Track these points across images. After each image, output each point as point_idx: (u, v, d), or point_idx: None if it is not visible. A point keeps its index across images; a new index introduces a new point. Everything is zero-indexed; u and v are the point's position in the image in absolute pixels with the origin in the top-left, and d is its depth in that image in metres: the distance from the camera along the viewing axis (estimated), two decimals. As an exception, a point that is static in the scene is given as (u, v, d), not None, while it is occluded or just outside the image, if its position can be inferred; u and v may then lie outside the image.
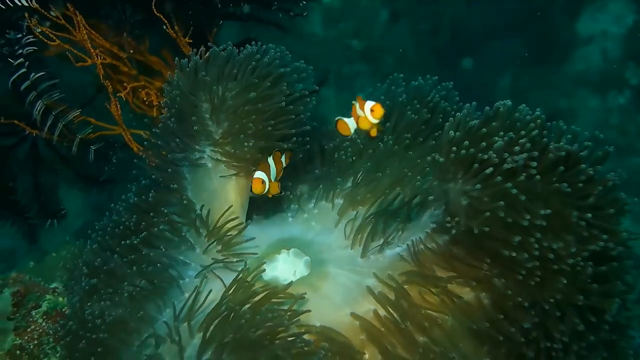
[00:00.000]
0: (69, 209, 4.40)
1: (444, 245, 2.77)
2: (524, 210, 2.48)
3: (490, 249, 2.60)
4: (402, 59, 10.50)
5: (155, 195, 3.41)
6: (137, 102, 4.06)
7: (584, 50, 10.53)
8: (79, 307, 3.22)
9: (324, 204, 3.56)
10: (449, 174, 2.68)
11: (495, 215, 2.52)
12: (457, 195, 2.63)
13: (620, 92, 10.36)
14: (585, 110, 10.36)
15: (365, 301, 2.92)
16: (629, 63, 10.33)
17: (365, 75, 10.65)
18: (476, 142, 2.61)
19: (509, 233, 2.52)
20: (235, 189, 3.38)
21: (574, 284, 2.53)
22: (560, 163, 2.52)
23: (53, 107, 3.73)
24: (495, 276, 2.65)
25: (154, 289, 3.14)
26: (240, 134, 3.22)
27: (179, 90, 3.27)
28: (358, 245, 3.21)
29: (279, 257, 3.22)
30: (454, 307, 2.75)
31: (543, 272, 2.53)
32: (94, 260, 3.38)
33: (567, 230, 2.50)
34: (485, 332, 2.67)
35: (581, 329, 2.54)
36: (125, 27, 4.02)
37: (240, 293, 2.85)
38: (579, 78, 10.45)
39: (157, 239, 3.30)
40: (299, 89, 3.32)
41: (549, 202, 2.50)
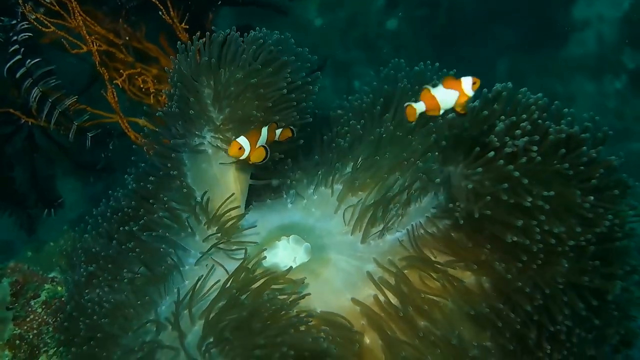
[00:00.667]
0: (66, 198, 4.39)
1: (445, 229, 2.77)
2: (526, 193, 2.48)
3: (492, 233, 2.60)
4: (399, 45, 10.51)
5: (154, 181, 3.40)
6: (134, 90, 4.03)
7: (580, 34, 10.53)
8: (77, 293, 3.22)
9: (324, 189, 3.54)
10: (450, 157, 2.68)
11: (497, 198, 2.52)
12: (459, 179, 2.64)
13: (617, 76, 10.37)
14: (582, 95, 10.37)
15: (365, 286, 2.94)
16: (625, 47, 10.34)
17: (362, 62, 10.63)
18: (477, 125, 2.61)
19: (511, 216, 2.52)
20: (235, 176, 3.37)
21: (576, 266, 2.54)
22: (562, 145, 2.52)
23: (49, 94, 3.70)
24: (496, 260, 2.64)
25: (154, 276, 3.14)
26: (242, 120, 3.21)
27: (181, 75, 3.26)
28: (358, 231, 3.21)
29: (279, 244, 3.23)
30: (455, 292, 2.76)
31: (545, 255, 2.53)
32: (92, 246, 3.38)
33: (570, 213, 2.50)
34: (486, 316, 2.67)
35: (583, 312, 2.55)
36: (121, 13, 3.98)
37: (241, 280, 2.84)
38: (576, 63, 10.46)
39: (156, 225, 3.29)
40: (301, 77, 3.32)
41: (551, 184, 2.50)
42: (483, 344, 2.70)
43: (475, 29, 10.21)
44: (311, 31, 10.35)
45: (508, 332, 2.64)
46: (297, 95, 3.27)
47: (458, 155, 2.65)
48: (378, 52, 10.52)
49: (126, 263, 3.23)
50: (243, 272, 2.88)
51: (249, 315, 2.62)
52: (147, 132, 3.55)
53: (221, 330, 2.63)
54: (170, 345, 2.83)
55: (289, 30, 3.52)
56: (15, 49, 3.63)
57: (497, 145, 2.53)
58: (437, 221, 2.81)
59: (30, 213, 4.21)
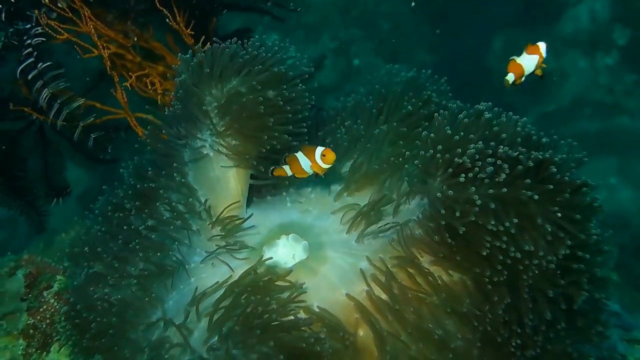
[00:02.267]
0: (76, 190, 4.52)
1: (429, 232, 2.92)
2: (492, 216, 2.67)
3: (465, 244, 2.80)
4: (397, 24, 10.53)
5: (155, 178, 3.50)
6: (141, 86, 4.17)
7: (573, 11, 10.60)
8: (83, 290, 3.34)
9: (320, 189, 3.70)
10: (429, 170, 2.87)
11: (468, 217, 2.71)
12: (436, 191, 2.82)
13: (608, 52, 10.46)
14: (575, 71, 10.49)
15: (359, 282, 3.08)
16: (616, 24, 10.43)
17: (361, 40, 10.66)
18: (451, 147, 2.81)
19: (481, 234, 2.71)
20: (235, 177, 3.49)
21: (542, 278, 2.73)
22: (531, 171, 2.71)
23: (58, 94, 3.85)
24: (472, 264, 2.84)
25: (160, 272, 3.27)
26: (242, 128, 3.33)
27: (183, 82, 3.36)
28: (353, 230, 3.36)
29: (279, 242, 3.38)
30: (439, 288, 2.92)
31: (512, 269, 2.73)
32: (96, 243, 3.48)
33: (535, 234, 2.69)
34: (467, 312, 2.85)
35: (549, 316, 2.74)
36: (130, 15, 4.12)
37: (245, 279, 2.99)
38: (569, 39, 10.55)
39: (161, 223, 3.41)
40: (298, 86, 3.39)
41: (518, 208, 2.69)
42: (466, 337, 2.86)
43: (471, 6, 10.24)
44: (311, 10, 10.34)
45: (484, 327, 2.83)
46: (294, 105, 3.35)
47: (436, 170, 2.84)
48: (377, 30, 10.56)
49: (131, 260, 3.35)
50: (248, 273, 3.03)
51: (252, 312, 2.78)
52: (150, 129, 3.65)
53: (226, 327, 2.79)
54: (178, 342, 2.98)
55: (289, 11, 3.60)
56: (29, 52, 3.77)
57: (468, 167, 2.73)
58: (422, 224, 2.97)
59: (40, 211, 4.34)
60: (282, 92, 3.31)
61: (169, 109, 3.52)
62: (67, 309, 3.44)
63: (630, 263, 6.26)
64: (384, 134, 3.69)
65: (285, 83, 3.34)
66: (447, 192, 2.76)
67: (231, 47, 3.35)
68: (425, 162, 2.89)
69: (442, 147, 2.84)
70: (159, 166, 3.56)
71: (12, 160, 4.15)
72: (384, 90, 3.83)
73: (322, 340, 2.79)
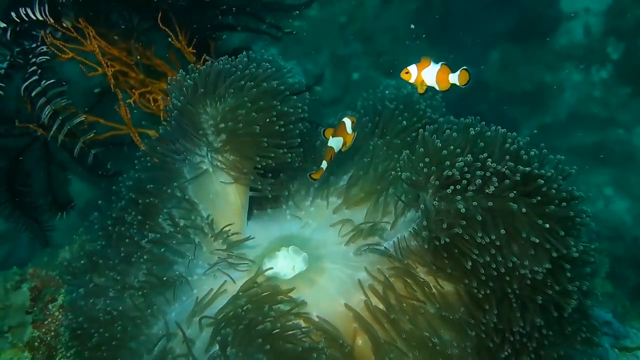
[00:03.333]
0: (80, 204, 4.55)
1: (423, 243, 2.98)
2: (479, 228, 2.73)
3: (454, 256, 2.86)
4: (395, 38, 10.52)
5: (156, 192, 3.53)
6: (144, 102, 4.23)
7: (568, 25, 10.59)
8: (83, 302, 3.38)
9: (320, 202, 3.75)
10: (420, 183, 2.93)
11: (454, 229, 2.78)
12: (427, 204, 2.89)
13: (603, 66, 10.43)
14: (570, 84, 10.46)
15: (357, 293, 3.14)
16: (610, 38, 10.43)
17: (360, 55, 10.65)
18: (440, 161, 2.86)
19: (469, 246, 2.78)
20: (235, 191, 3.53)
21: (530, 287, 2.79)
22: (518, 184, 2.75)
23: (60, 111, 3.91)
24: (462, 277, 2.91)
25: (162, 285, 3.30)
26: (238, 145, 3.37)
27: (180, 101, 3.40)
28: (351, 242, 3.43)
29: (279, 254, 3.44)
30: (435, 298, 2.98)
31: (499, 279, 2.79)
32: (97, 256, 3.53)
33: (520, 246, 2.75)
34: (461, 321, 2.91)
35: (539, 323, 2.82)
36: (133, 34, 4.19)
37: (247, 291, 3.05)
38: (564, 53, 10.52)
39: (162, 237, 3.44)
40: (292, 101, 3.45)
41: (504, 220, 2.74)
42: (462, 345, 2.92)
43: (468, 20, 10.29)
44: (310, 25, 10.28)
45: (481, 334, 2.89)
46: (287, 120, 3.39)
47: (427, 182, 2.89)
48: (376, 45, 10.58)
49: (132, 273, 3.39)
50: (249, 284, 3.08)
51: (253, 323, 2.83)
52: (149, 144, 3.71)
53: (227, 337, 2.83)
54: (181, 352, 3.04)
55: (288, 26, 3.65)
56: (33, 70, 3.85)
57: (457, 178, 2.78)
58: (416, 235, 3.02)
59: (44, 226, 4.38)
60: (276, 107, 3.35)
61: (165, 126, 3.58)
62: (68, 320, 3.47)
63: (624, 273, 6.30)
64: (379, 148, 3.75)
65: (278, 97, 3.38)
66: (438, 205, 2.82)
67: (223, 64, 3.39)
68: (414, 175, 2.95)
69: (430, 160, 2.89)
70: (159, 181, 3.59)
71: (17, 175, 4.20)
72: (379, 106, 3.90)
73: (321, 349, 2.84)
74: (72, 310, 3.47)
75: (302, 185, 3.83)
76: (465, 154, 2.87)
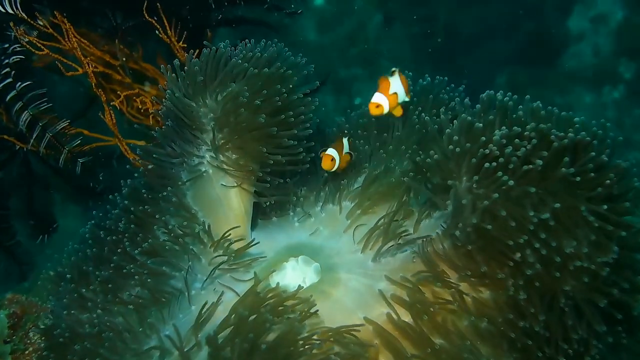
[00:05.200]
0: (65, 224, 4.30)
1: (455, 244, 2.69)
2: (529, 207, 2.40)
3: (498, 249, 2.53)
4: (398, 62, 10.46)
5: (151, 200, 3.32)
6: (132, 112, 3.96)
7: (576, 47, 10.69)
8: (67, 312, 3.16)
9: (331, 207, 3.48)
10: (450, 171, 2.63)
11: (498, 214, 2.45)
12: (461, 194, 2.58)
13: (615, 86, 10.51)
14: (581, 106, 10.46)
15: (377, 305, 2.86)
16: (621, 58, 10.47)
17: (362, 79, 10.70)
18: (474, 136, 2.56)
19: (516, 232, 2.44)
20: (238, 195, 3.28)
21: (589, 283, 2.44)
22: (567, 153, 2.43)
23: (40, 117, 3.62)
24: (504, 275, 2.57)
25: (156, 299, 3.07)
26: (242, 140, 3.13)
27: (175, 95, 3.17)
28: (368, 249, 3.13)
29: (287, 265, 3.15)
30: (469, 307, 2.69)
31: (551, 273, 2.45)
32: (86, 266, 3.31)
33: (578, 227, 2.40)
34: (502, 332, 2.60)
35: (602, 328, 2.46)
36: (117, 34, 3.90)
37: (249, 305, 2.75)
38: (574, 74, 10.58)
39: (158, 247, 3.20)
40: (300, 89, 3.24)
41: (557, 195, 2.41)
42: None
43: (473, 43, 10.32)
44: (310, 49, 10.29)
45: (524, 347, 2.57)
46: (297, 110, 3.17)
47: (458, 169, 2.59)
48: (378, 69, 10.48)
49: (125, 285, 3.16)
50: (251, 297, 2.79)
51: (257, 340, 2.54)
52: (142, 150, 3.45)
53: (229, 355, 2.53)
54: None
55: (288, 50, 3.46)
56: (7, 72, 3.56)
57: (497, 154, 2.47)
58: (447, 236, 2.74)
59: (21, 260, 4.11)
60: (283, 95, 3.10)
61: (159, 127, 3.33)
62: (46, 327, 3.26)
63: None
64: (397, 145, 3.48)
65: (287, 84, 3.14)
66: (476, 188, 2.50)
67: (225, 51, 3.15)
68: (443, 159, 2.64)
69: (462, 138, 2.58)
70: (154, 188, 3.35)
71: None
72: None
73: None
74: (52, 318, 3.23)
75: (311, 190, 3.56)
76: (498, 126, 2.57)
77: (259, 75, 3.09)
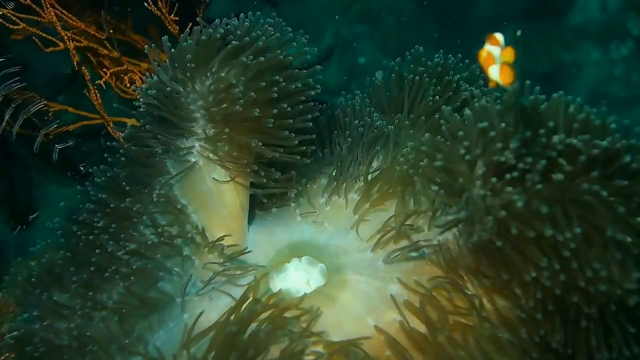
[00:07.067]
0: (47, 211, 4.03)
1: (473, 247, 2.45)
2: (546, 227, 2.13)
3: (510, 266, 2.30)
4: (402, 18, 10.34)
5: (135, 194, 3.03)
6: (121, 87, 3.67)
7: (583, 1, 10.42)
8: (38, 325, 2.91)
9: (337, 199, 3.20)
10: (462, 174, 2.35)
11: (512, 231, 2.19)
12: (473, 199, 2.31)
13: (623, 42, 10.27)
14: (588, 63, 10.28)
15: (389, 311, 2.63)
16: (629, 13, 10.22)
17: (366, 36, 10.45)
18: (487, 142, 2.27)
19: (531, 250, 2.19)
20: (232, 188, 3.00)
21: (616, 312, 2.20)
22: (596, 163, 2.14)
23: (13, 98, 3.34)
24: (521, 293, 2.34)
25: (144, 307, 2.82)
26: (235, 133, 2.86)
27: (163, 80, 2.88)
28: (379, 248, 2.88)
29: (290, 266, 2.91)
30: (489, 316, 2.47)
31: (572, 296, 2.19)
32: (59, 269, 3.06)
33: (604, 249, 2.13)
34: (524, 345, 2.38)
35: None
36: (103, 3, 3.59)
37: (246, 312, 2.53)
38: (581, 30, 10.38)
39: (144, 248, 2.94)
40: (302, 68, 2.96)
41: (581, 213, 2.13)
42: None
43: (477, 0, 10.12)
44: (311, 7, 10.13)
45: None
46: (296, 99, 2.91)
47: (471, 172, 2.31)
48: (382, 25, 10.39)
49: (106, 291, 2.91)
50: (247, 303, 2.57)
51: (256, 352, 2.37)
52: (128, 132, 3.14)
53: None
54: None
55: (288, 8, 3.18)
56: (-24, 50, 3.28)
57: (512, 163, 2.19)
58: (465, 238, 2.44)
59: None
60: (281, 84, 2.82)
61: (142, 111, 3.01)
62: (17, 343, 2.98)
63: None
64: (408, 131, 3.22)
65: (285, 71, 2.87)
66: (490, 200, 2.23)
67: (216, 30, 2.84)
68: (454, 164, 2.36)
69: (474, 142, 2.30)
70: (137, 179, 3.05)
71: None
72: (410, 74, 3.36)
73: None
74: (24, 333, 2.96)
75: (314, 180, 3.30)
76: (518, 129, 2.25)
77: (255, 63, 2.80)
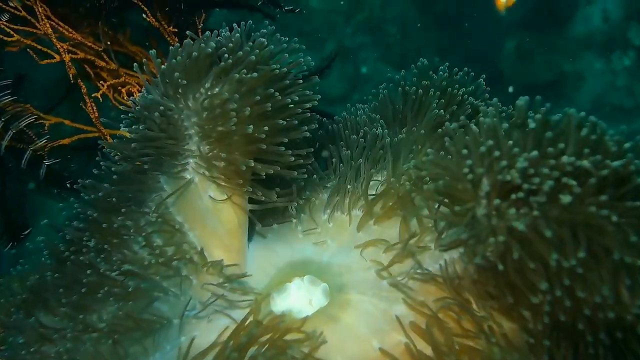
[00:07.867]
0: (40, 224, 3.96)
1: (478, 269, 2.38)
2: (551, 251, 2.06)
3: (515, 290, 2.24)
4: (404, 27, 10.35)
5: (128, 212, 2.93)
6: (119, 98, 3.60)
7: (585, 12, 10.56)
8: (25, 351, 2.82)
9: (340, 215, 3.11)
10: (465, 194, 2.27)
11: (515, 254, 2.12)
12: (477, 219, 2.24)
13: (625, 53, 10.37)
14: (591, 73, 10.38)
15: (394, 332, 2.55)
16: (631, 23, 10.32)
17: (368, 46, 10.49)
18: (491, 161, 2.20)
19: (534, 274, 2.12)
20: (230, 206, 2.90)
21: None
22: (607, 186, 2.05)
23: (4, 111, 3.27)
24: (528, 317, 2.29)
25: (138, 328, 2.72)
26: (230, 148, 2.75)
27: (154, 97, 2.78)
28: (383, 267, 2.77)
29: (291, 286, 2.83)
30: (498, 339, 2.38)
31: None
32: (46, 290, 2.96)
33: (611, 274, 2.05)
34: None
35: None
36: (101, 15, 3.52)
37: (246, 336, 2.45)
38: (583, 40, 10.48)
39: (138, 268, 2.85)
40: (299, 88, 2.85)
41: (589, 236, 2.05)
42: None
43: (480, 8, 9.99)
44: (314, 18, 10.20)
45: None
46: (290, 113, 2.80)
47: (475, 191, 2.23)
48: (384, 35, 10.45)
49: (97, 310, 2.82)
50: (247, 324, 2.51)
51: None
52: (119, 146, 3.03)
53: None
54: None
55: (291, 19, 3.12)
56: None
57: (518, 183, 2.10)
58: (469, 258, 2.36)
59: None
60: (277, 98, 2.72)
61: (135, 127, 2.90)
62: None
63: None
64: (412, 144, 3.15)
65: (280, 84, 2.77)
66: (494, 221, 2.15)
67: (207, 44, 2.73)
68: (457, 183, 2.28)
69: (477, 161, 2.22)
70: (128, 196, 2.96)
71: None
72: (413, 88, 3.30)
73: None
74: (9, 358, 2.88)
75: (316, 194, 3.21)
76: (526, 148, 2.15)
77: (249, 78, 2.69)
